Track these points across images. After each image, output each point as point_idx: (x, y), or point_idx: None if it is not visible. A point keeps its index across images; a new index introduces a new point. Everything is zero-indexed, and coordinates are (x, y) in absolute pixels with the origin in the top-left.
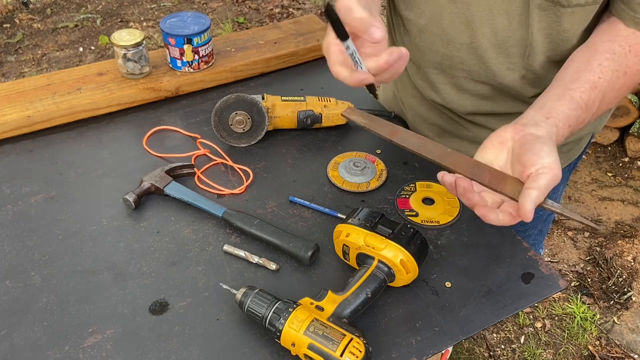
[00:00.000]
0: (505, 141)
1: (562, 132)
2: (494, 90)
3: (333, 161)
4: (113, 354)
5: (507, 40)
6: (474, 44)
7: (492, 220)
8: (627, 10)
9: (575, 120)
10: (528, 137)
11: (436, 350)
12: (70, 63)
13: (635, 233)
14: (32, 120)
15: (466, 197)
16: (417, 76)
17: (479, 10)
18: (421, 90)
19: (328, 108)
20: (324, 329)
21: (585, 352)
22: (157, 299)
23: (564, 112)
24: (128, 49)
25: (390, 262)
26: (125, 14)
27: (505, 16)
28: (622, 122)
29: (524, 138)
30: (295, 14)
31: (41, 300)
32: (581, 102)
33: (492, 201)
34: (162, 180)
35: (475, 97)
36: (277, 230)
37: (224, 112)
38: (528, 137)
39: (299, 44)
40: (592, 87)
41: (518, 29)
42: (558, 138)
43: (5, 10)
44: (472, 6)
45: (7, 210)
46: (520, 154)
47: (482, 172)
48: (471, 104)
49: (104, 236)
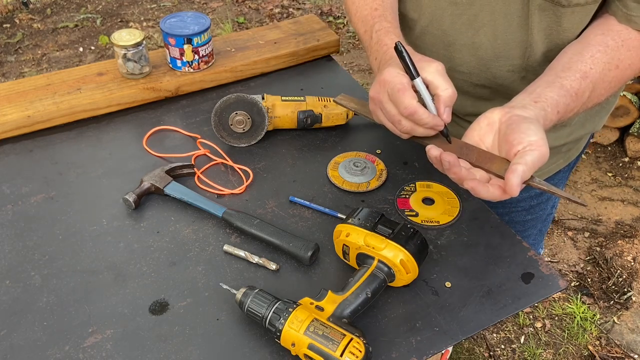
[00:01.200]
0: (492, 123)
1: (550, 117)
2: (493, 92)
3: (333, 161)
4: (113, 354)
5: (507, 42)
6: (475, 45)
7: (482, 193)
8: (620, 7)
9: (564, 107)
10: (515, 118)
11: (436, 350)
12: (70, 63)
13: (635, 233)
14: (32, 120)
15: (453, 172)
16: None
17: (480, 12)
18: None
19: (328, 108)
20: (324, 329)
21: (585, 352)
22: (157, 299)
23: (552, 97)
24: (128, 49)
25: (390, 262)
26: (125, 14)
27: (505, 18)
28: (622, 122)
29: (511, 119)
30: (295, 14)
31: (41, 300)
32: (571, 90)
33: (480, 176)
34: (162, 180)
35: (475, 98)
36: (277, 230)
37: (224, 112)
38: (515, 118)
39: (299, 44)
40: (583, 76)
41: (518, 31)
42: (546, 122)
43: (5, 10)
44: (472, 8)
45: (7, 210)
46: (507, 133)
47: (469, 152)
48: (471, 105)
49: (104, 236)
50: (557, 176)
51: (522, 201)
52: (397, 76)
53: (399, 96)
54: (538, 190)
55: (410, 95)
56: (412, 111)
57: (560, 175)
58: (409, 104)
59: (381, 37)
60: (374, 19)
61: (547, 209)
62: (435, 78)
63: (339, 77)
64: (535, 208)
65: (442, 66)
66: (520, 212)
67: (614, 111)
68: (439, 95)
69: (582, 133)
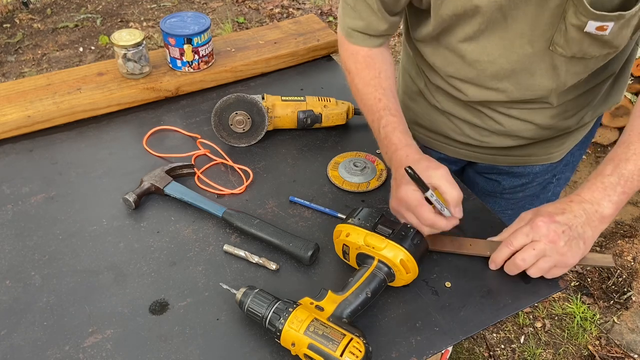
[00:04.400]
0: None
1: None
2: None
3: (333, 161)
4: (113, 354)
5: (534, 87)
6: (499, 89)
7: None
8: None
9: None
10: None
11: (436, 350)
12: (70, 63)
13: (635, 233)
14: (32, 120)
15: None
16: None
17: (500, 69)
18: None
19: (328, 108)
20: (324, 329)
21: (585, 352)
22: (157, 299)
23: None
24: (128, 49)
25: (390, 262)
26: (125, 14)
27: (528, 71)
28: (622, 122)
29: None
30: (295, 14)
31: (41, 300)
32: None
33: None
34: (162, 180)
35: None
36: (277, 230)
37: (224, 112)
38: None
39: (299, 44)
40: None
41: (545, 79)
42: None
43: (5, 10)
44: (493, 65)
45: (7, 210)
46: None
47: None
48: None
49: (104, 236)
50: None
51: (522, 200)
52: (412, 194)
53: (418, 211)
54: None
55: (427, 210)
56: (431, 223)
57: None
58: (428, 217)
59: (389, 134)
60: (379, 111)
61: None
62: (442, 183)
63: (339, 77)
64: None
65: (446, 170)
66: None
67: (614, 111)
68: (448, 201)
69: (588, 120)
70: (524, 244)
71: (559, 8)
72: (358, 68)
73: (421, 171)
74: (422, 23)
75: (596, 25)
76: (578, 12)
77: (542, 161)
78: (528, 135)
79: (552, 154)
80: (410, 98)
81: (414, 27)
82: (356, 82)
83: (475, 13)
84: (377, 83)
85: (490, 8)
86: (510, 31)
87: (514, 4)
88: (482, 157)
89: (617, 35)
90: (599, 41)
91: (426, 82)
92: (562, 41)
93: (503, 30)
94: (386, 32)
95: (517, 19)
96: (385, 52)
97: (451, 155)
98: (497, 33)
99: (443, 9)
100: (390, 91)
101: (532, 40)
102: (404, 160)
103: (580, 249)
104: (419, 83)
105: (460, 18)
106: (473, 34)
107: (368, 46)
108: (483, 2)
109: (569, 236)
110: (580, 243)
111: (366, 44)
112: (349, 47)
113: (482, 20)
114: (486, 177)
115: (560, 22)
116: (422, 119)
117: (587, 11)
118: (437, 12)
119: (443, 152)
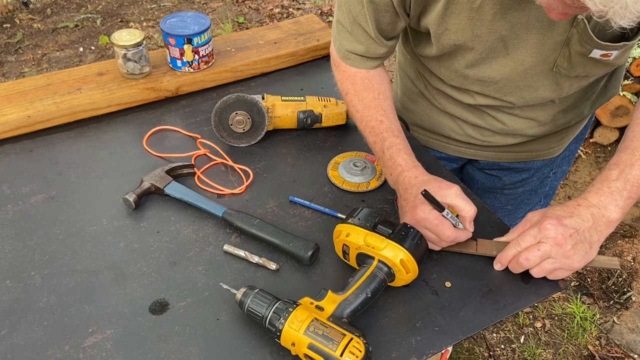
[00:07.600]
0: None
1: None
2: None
3: (333, 161)
4: (113, 354)
5: (535, 99)
6: (503, 102)
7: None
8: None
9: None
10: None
11: (436, 350)
12: (70, 63)
13: (635, 233)
14: (32, 120)
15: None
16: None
17: (504, 86)
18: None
19: (328, 108)
20: (324, 329)
21: (585, 352)
22: (157, 299)
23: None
24: (128, 49)
25: (390, 262)
26: (125, 14)
27: (531, 87)
28: (621, 122)
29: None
30: (295, 14)
31: (41, 300)
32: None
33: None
34: (162, 180)
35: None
36: (277, 230)
37: (224, 112)
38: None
39: (299, 44)
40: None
41: (547, 92)
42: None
43: (6, 10)
44: (498, 84)
45: (7, 210)
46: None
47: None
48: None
49: (104, 236)
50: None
51: (521, 195)
52: (430, 213)
53: (439, 230)
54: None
55: (448, 227)
56: (454, 238)
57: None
58: (450, 234)
59: (393, 155)
60: (382, 133)
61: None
62: (457, 201)
63: None
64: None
65: (458, 188)
66: (519, 205)
67: (614, 111)
68: (464, 217)
69: (584, 115)
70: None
71: (562, 36)
72: (357, 90)
73: (434, 192)
74: (425, 43)
75: (601, 53)
76: (583, 41)
77: (543, 156)
78: (531, 132)
79: (552, 149)
80: (410, 99)
81: (417, 44)
82: (355, 103)
83: (476, 43)
84: (377, 104)
85: (491, 38)
86: (511, 59)
87: (515, 35)
88: (483, 155)
89: (620, 57)
90: (602, 63)
91: (426, 84)
92: (566, 64)
93: (504, 57)
94: (385, 55)
95: (519, 47)
96: (382, 73)
97: (452, 154)
98: (499, 60)
99: (444, 38)
100: (391, 112)
101: (534, 65)
102: (413, 181)
103: (586, 253)
104: (419, 85)
105: (461, 47)
106: (475, 61)
107: (366, 68)
108: (484, 32)
109: (576, 240)
110: (586, 247)
111: (364, 67)
112: (346, 69)
113: (483, 49)
114: (487, 173)
115: (563, 48)
116: (422, 119)
117: (592, 41)
118: (438, 41)
119: (444, 151)
